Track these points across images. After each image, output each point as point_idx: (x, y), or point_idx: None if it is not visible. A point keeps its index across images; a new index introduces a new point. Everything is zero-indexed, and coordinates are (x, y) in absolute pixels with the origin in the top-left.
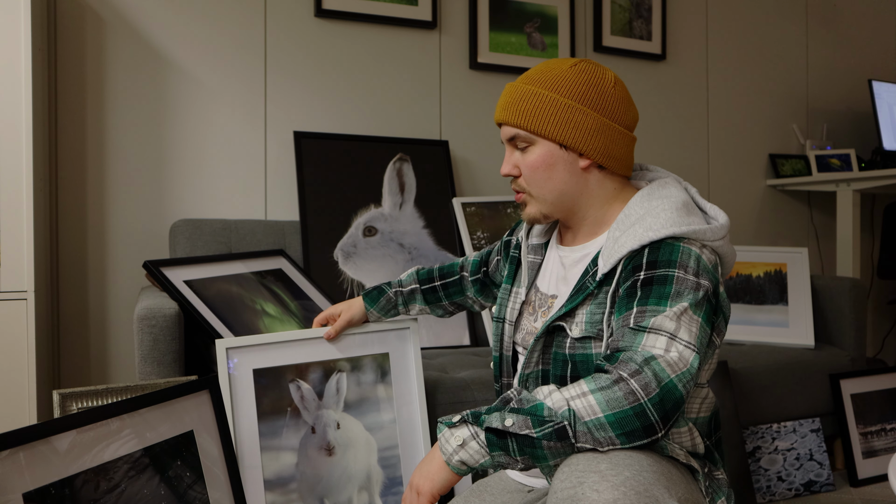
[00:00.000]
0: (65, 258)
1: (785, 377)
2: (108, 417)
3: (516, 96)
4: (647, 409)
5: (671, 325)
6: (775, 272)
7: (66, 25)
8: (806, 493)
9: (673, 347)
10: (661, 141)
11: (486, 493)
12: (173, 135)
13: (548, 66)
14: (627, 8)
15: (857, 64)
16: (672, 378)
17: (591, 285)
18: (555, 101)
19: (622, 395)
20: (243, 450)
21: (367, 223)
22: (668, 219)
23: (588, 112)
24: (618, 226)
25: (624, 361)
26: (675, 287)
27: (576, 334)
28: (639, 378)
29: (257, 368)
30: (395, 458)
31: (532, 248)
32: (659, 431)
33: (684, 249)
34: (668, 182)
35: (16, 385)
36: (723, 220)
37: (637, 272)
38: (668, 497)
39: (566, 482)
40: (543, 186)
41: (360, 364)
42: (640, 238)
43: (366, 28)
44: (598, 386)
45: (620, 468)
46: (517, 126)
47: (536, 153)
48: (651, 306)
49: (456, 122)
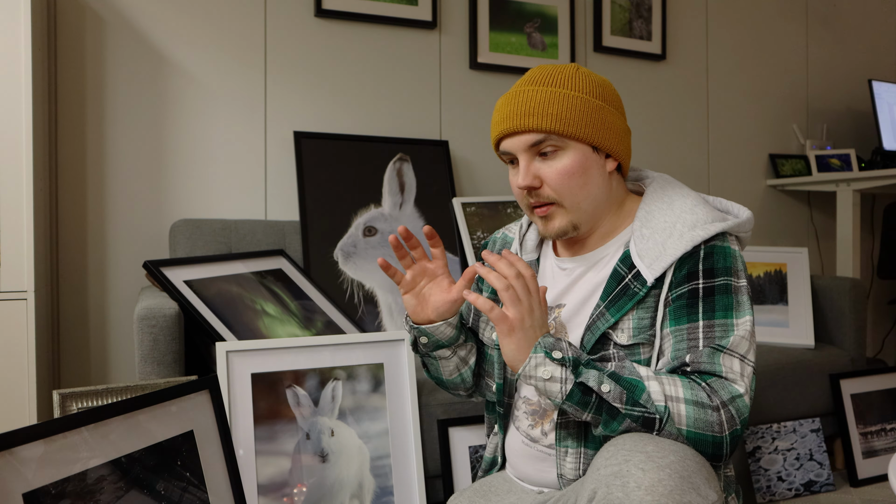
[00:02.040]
0: (65, 258)
1: (785, 377)
2: (109, 417)
3: (541, 99)
4: (725, 442)
5: (744, 346)
6: (775, 272)
7: (66, 25)
8: (806, 493)
9: (745, 371)
10: (661, 141)
11: (492, 493)
12: (173, 135)
13: (552, 70)
14: (627, 8)
15: (857, 64)
16: (748, 412)
17: (640, 291)
18: (586, 101)
19: (713, 421)
20: (238, 453)
21: (367, 223)
22: (706, 214)
23: (613, 111)
24: (644, 223)
25: (715, 388)
26: (736, 297)
27: (623, 341)
28: (727, 411)
29: (255, 373)
30: (387, 468)
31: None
32: (725, 460)
33: (732, 252)
34: (665, 177)
35: (16, 385)
36: (745, 214)
37: (693, 279)
38: (708, 487)
39: (612, 459)
40: (579, 194)
41: (356, 373)
42: (692, 238)
43: (366, 28)
44: (694, 398)
45: (666, 452)
46: (546, 131)
47: (570, 158)
48: (719, 320)
49: (456, 122)
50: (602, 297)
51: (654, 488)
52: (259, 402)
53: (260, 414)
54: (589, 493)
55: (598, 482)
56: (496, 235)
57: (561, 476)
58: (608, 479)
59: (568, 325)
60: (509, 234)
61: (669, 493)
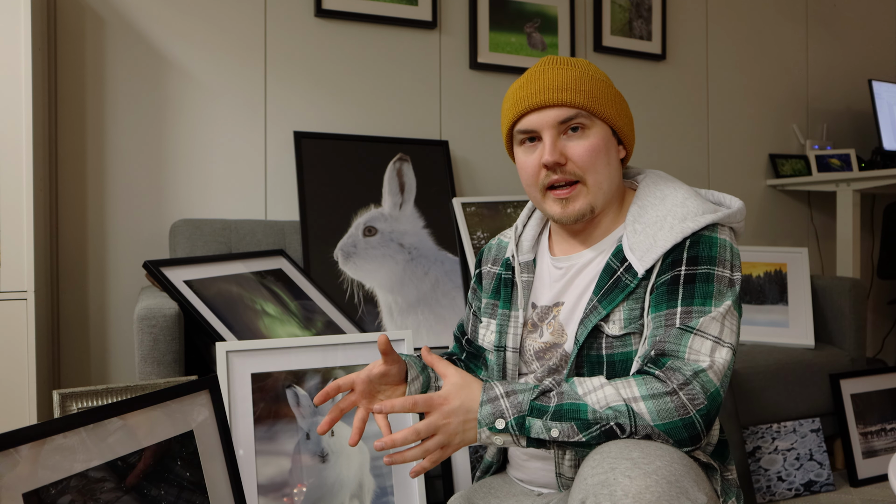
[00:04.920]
0: (65, 258)
1: (785, 377)
2: (108, 417)
3: (572, 76)
4: (696, 421)
5: (716, 327)
6: (775, 272)
7: (66, 25)
8: (806, 493)
9: (717, 352)
10: (661, 141)
11: (492, 495)
12: (173, 135)
13: (568, 58)
14: (627, 8)
15: (857, 64)
16: (717, 386)
17: (631, 283)
18: (609, 85)
19: (673, 407)
20: (238, 453)
21: (367, 223)
22: (696, 206)
23: (625, 102)
24: (636, 218)
25: (672, 370)
26: (717, 286)
27: (615, 332)
28: (687, 390)
29: (255, 373)
30: (386, 468)
31: (524, 266)
32: (703, 438)
33: (720, 242)
34: (657, 172)
35: (16, 385)
36: (737, 204)
37: (677, 266)
38: (697, 490)
39: (598, 468)
40: (603, 172)
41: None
42: (682, 230)
43: (366, 28)
44: (649, 392)
45: (652, 458)
46: (579, 106)
47: (596, 136)
48: (697, 306)
49: (456, 122)
50: (595, 291)
51: (642, 496)
52: (259, 402)
53: (260, 414)
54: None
55: (585, 492)
56: (491, 243)
57: (560, 476)
58: (595, 489)
59: (566, 323)
60: (504, 239)
61: (657, 499)
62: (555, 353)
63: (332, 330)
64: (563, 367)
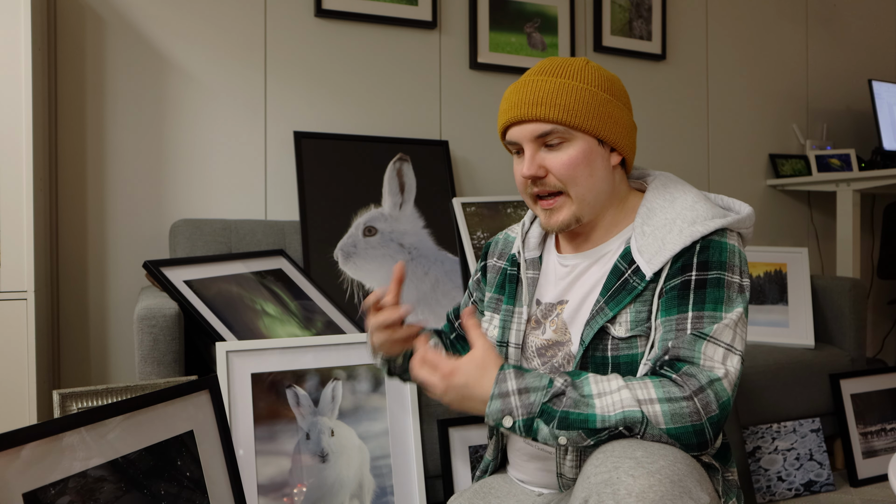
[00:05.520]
0: (65, 258)
1: (785, 377)
2: (108, 417)
3: (549, 89)
4: (706, 428)
5: (729, 334)
6: (775, 272)
7: (66, 25)
8: (806, 493)
9: (729, 360)
10: (661, 141)
11: (492, 495)
12: (173, 135)
13: (562, 62)
14: (627, 8)
15: (857, 64)
16: (729, 395)
17: (638, 285)
18: (593, 94)
19: (687, 412)
20: (238, 453)
21: (367, 223)
22: (706, 210)
23: (620, 106)
24: (645, 220)
25: (689, 375)
26: (728, 292)
27: (621, 334)
28: (702, 397)
29: (255, 373)
30: (386, 468)
31: (530, 263)
32: (710, 446)
33: (730, 247)
34: (667, 175)
35: (16, 385)
36: (746, 210)
37: (687, 271)
38: (700, 490)
39: (601, 467)
40: (584, 184)
41: (356, 373)
42: (691, 234)
43: (366, 28)
44: (666, 396)
45: (656, 457)
46: (554, 121)
47: (576, 149)
48: (708, 312)
49: (456, 122)
50: (602, 293)
51: (645, 495)
52: (259, 402)
53: (260, 414)
54: (580, 503)
55: (588, 491)
56: (498, 237)
57: (560, 475)
58: (598, 488)
59: (569, 322)
60: (511, 234)
61: (661, 498)
62: (557, 350)
63: (332, 330)
64: (567, 367)
